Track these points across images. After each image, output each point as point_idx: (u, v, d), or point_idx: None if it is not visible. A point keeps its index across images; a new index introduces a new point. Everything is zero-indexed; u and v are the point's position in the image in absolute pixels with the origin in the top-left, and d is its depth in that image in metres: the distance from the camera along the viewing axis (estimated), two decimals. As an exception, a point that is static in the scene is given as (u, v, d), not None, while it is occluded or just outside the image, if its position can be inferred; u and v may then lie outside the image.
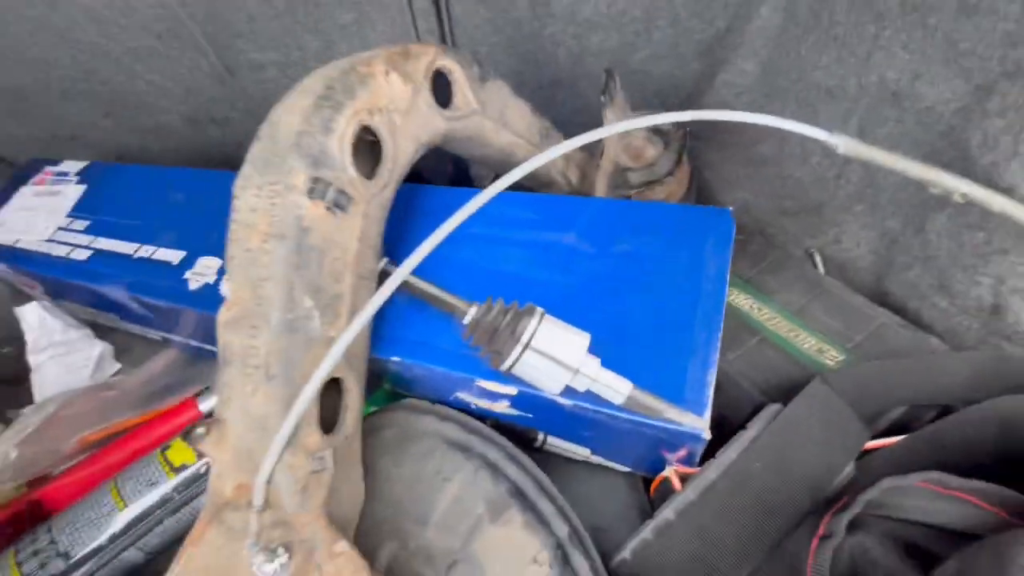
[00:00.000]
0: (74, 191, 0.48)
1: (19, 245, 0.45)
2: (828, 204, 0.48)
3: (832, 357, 0.35)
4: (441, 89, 0.32)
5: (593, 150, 0.51)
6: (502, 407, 0.30)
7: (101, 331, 0.50)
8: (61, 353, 0.44)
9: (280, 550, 0.24)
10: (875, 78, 0.42)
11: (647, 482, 0.34)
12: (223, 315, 0.26)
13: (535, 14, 0.55)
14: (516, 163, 0.41)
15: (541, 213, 0.31)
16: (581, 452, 0.33)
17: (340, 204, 0.25)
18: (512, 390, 0.27)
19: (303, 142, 0.24)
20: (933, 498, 0.20)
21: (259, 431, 0.24)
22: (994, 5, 0.31)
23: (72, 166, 0.51)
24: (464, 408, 0.32)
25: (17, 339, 0.51)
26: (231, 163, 0.69)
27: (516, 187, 0.35)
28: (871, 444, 0.26)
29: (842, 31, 0.45)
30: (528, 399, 0.28)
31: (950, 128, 0.35)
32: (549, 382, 0.26)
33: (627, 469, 0.33)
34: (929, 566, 0.19)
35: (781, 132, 0.58)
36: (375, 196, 0.27)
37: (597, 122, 0.67)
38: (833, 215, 0.47)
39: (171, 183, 0.45)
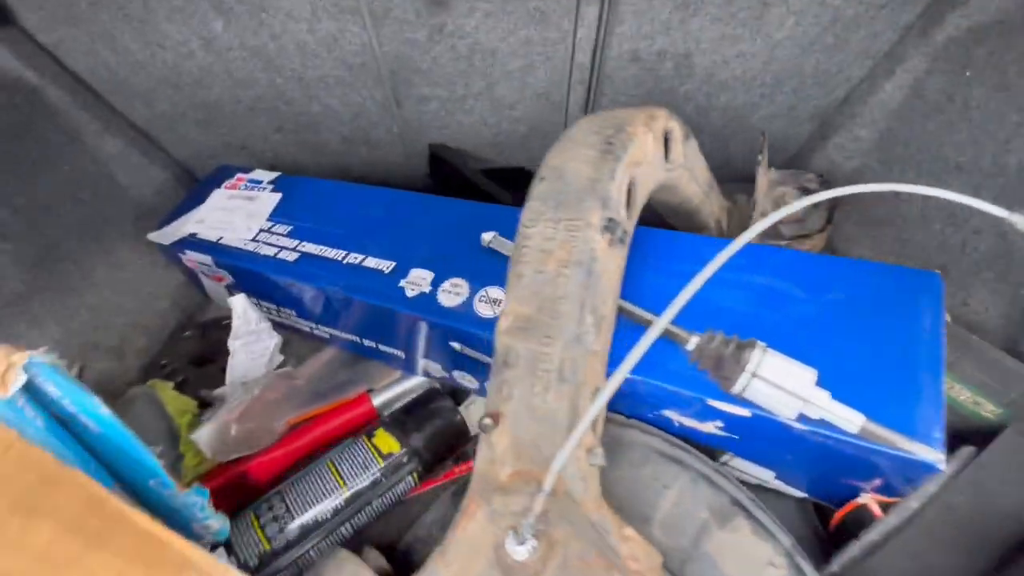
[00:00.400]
0: (270, 198, 0.53)
1: (223, 242, 0.51)
2: (953, 268, 0.52)
3: (990, 410, 0.38)
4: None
5: (735, 198, 0.56)
6: (709, 428, 0.34)
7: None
8: (251, 341, 0.49)
9: (530, 537, 0.27)
10: (1014, 160, 0.46)
11: (816, 507, 0.37)
12: (504, 324, 0.30)
13: (677, 73, 0.61)
14: (689, 209, 0.46)
15: (750, 258, 0.36)
16: (764, 475, 0.36)
17: (622, 240, 0.29)
18: (746, 412, 0.30)
19: (597, 187, 0.29)
20: None
21: (546, 426, 0.28)
22: None
23: (264, 175, 0.57)
24: (663, 425, 0.36)
25: (196, 325, 0.56)
26: (368, 178, 0.76)
27: (665, 227, 0.40)
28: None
29: (979, 116, 0.49)
30: (746, 422, 0.32)
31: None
32: (782, 408, 0.30)
33: (800, 495, 0.37)
34: None
35: (897, 196, 0.63)
36: (629, 233, 0.32)
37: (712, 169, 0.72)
38: (960, 278, 0.51)
39: (362, 198, 0.51)
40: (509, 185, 0.66)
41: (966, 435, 0.34)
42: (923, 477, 0.28)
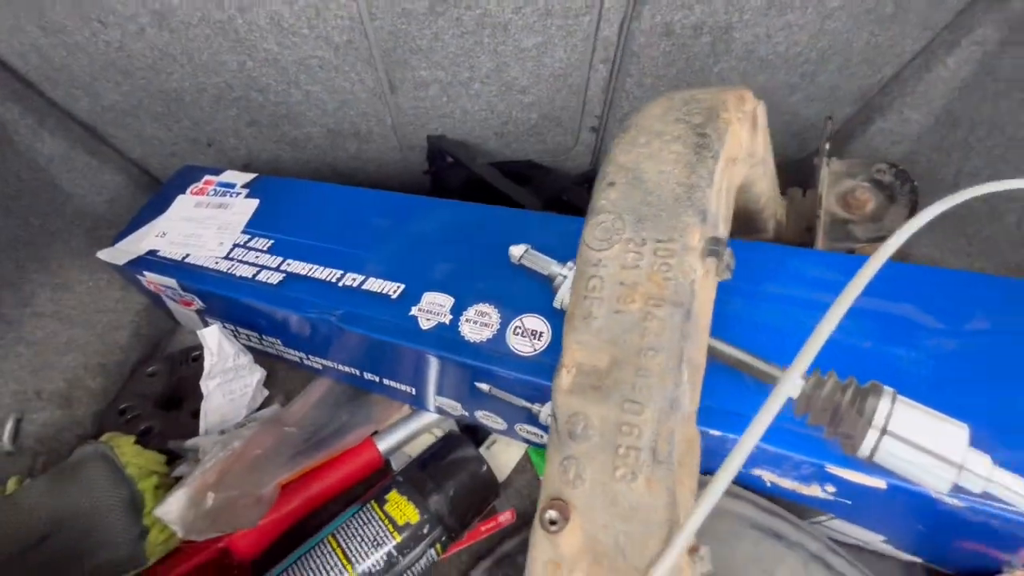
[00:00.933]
0: (245, 205, 0.45)
1: (190, 260, 0.42)
2: (1034, 268, 0.46)
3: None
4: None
5: (788, 192, 0.49)
6: (815, 491, 0.27)
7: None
8: (228, 380, 0.41)
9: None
10: (1120, 144, 0.40)
11: (927, 571, 0.31)
12: (566, 380, 0.23)
13: (714, 50, 0.53)
14: (755, 209, 0.38)
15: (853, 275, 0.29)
16: (870, 538, 0.30)
17: (730, 267, 0.22)
18: (880, 483, 0.24)
19: (694, 196, 0.22)
20: None
21: (636, 523, 0.21)
22: None
23: (237, 177, 0.48)
24: (751, 485, 0.29)
25: (162, 359, 0.48)
26: (356, 177, 0.67)
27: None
28: None
29: (1072, 92, 0.43)
30: (865, 489, 0.25)
31: None
32: (929, 478, 0.23)
33: (911, 559, 0.30)
34: None
35: (959, 187, 0.55)
36: (720, 253, 0.25)
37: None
38: (1043, 280, 0.45)
39: (356, 203, 0.43)
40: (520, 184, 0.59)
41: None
42: None
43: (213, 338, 0.39)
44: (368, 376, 0.41)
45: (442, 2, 0.45)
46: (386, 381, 0.40)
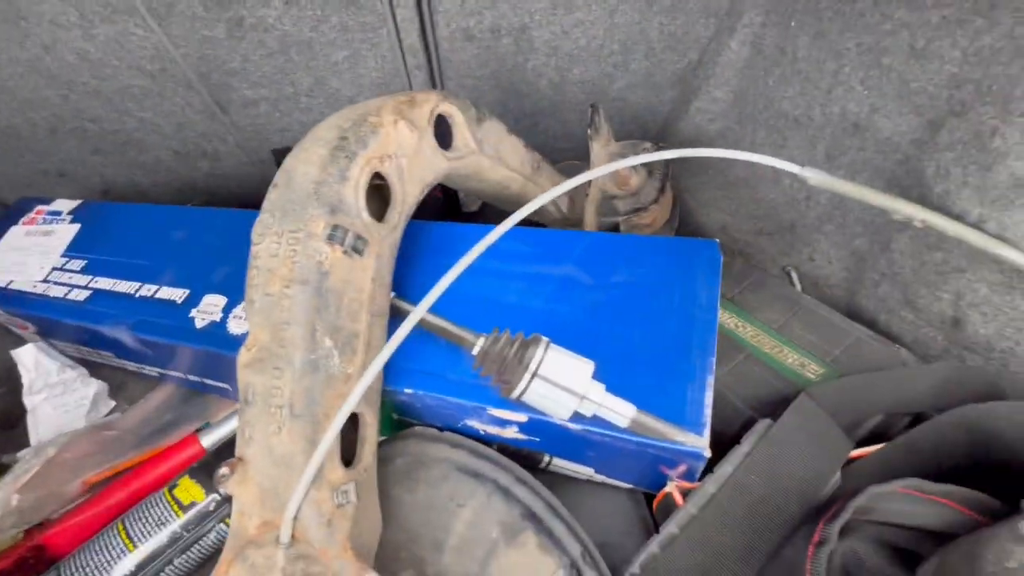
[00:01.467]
0: (67, 230, 0.48)
1: (12, 287, 0.45)
2: (800, 224, 0.51)
3: (813, 371, 0.37)
4: (443, 132, 0.34)
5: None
6: (511, 433, 0.31)
7: (94, 368, 0.49)
8: (57, 394, 0.44)
9: (302, 584, 0.24)
10: (837, 109, 0.45)
11: (649, 497, 0.36)
12: (243, 357, 0.27)
13: (519, 49, 0.57)
14: (510, 195, 0.43)
15: (538, 246, 0.33)
16: (585, 471, 0.34)
17: (357, 248, 0.26)
18: (522, 417, 0.28)
19: (321, 191, 0.26)
20: (913, 502, 0.23)
21: (284, 468, 0.25)
22: (940, 50, 0.34)
23: (64, 205, 0.51)
24: (473, 434, 0.33)
25: (8, 380, 0.50)
26: (219, 194, 0.70)
27: (506, 216, 0.37)
28: (854, 453, 0.29)
29: (805, 66, 0.48)
30: (536, 425, 0.29)
31: (907, 157, 0.38)
32: (558, 408, 0.28)
33: (629, 486, 0.35)
34: (914, 566, 0.21)
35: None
36: (386, 238, 0.29)
37: (577, 147, 0.70)
38: (805, 234, 0.51)
39: (167, 221, 0.46)
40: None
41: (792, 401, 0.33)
42: (696, 465, 0.27)
43: (28, 356, 0.42)
44: (193, 378, 0.44)
45: (238, 26, 0.48)
46: (207, 381, 0.44)
